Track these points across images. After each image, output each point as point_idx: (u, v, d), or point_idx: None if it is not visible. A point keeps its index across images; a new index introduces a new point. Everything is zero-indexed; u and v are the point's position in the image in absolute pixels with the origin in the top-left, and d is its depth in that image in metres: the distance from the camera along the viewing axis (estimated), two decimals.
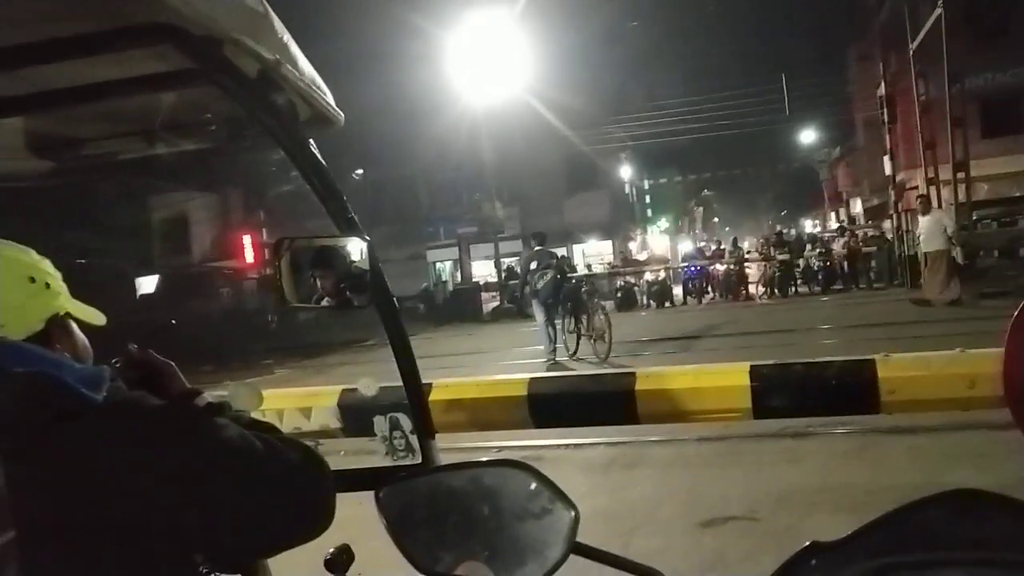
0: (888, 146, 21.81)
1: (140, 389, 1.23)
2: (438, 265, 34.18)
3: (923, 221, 14.37)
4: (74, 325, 1.15)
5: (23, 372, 0.91)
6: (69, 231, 14.95)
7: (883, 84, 21.65)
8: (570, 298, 11.44)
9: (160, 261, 25.27)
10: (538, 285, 11.17)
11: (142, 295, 20.65)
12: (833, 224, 34.08)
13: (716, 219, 64.77)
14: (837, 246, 21.99)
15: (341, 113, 1.57)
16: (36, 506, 0.82)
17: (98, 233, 18.55)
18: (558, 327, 11.26)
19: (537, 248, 11.80)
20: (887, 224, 23.45)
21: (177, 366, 1.36)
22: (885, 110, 21.50)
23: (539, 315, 11.16)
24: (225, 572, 1.75)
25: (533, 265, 11.47)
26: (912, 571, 0.80)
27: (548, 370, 10.21)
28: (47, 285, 1.10)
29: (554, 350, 11.10)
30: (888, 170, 21.86)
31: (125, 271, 21.16)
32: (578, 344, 11.38)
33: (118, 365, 1.30)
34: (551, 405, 2.73)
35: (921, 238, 14.64)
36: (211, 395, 1.34)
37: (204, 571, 1.68)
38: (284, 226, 18.90)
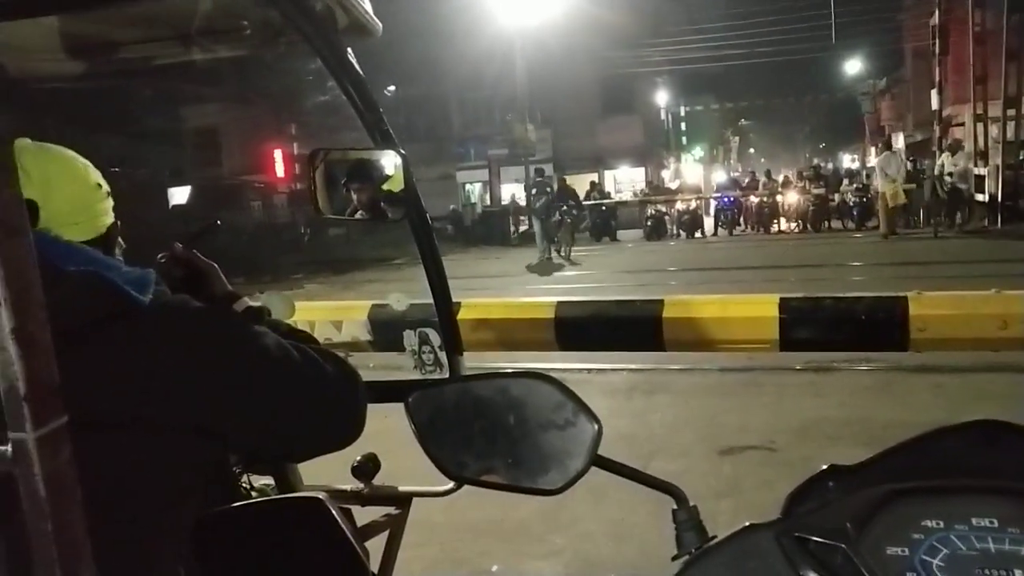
0: (937, 79, 21.03)
1: (183, 288, 1.25)
2: (468, 186, 33.96)
3: (878, 161, 15.22)
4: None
5: (77, 271, 0.93)
6: (103, 136, 14.95)
7: (937, 12, 20.73)
8: (555, 216, 17.06)
9: (192, 172, 25.37)
10: (536, 205, 17.21)
11: (175, 205, 20.84)
12: (873, 159, 33.16)
13: (752, 150, 63.43)
14: (875, 182, 21.46)
15: (379, 23, 1.53)
16: (80, 401, 0.85)
17: (131, 140, 18.57)
18: (549, 236, 16.57)
19: (538, 179, 18.36)
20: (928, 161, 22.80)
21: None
22: (937, 40, 20.65)
23: (536, 226, 16.90)
24: (258, 474, 1.82)
25: (534, 191, 17.85)
26: (929, 495, 0.80)
27: (540, 265, 15.84)
28: (107, 194, 1.14)
29: (547, 249, 16.37)
30: (935, 104, 21.11)
31: (159, 180, 21.29)
32: (563, 246, 16.93)
33: (163, 261, 1.33)
34: (577, 328, 2.75)
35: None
36: (250, 301, 1.37)
37: (238, 471, 1.75)
38: (315, 140, 18.85)
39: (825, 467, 0.92)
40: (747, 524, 0.86)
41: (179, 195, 21.54)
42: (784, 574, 0.77)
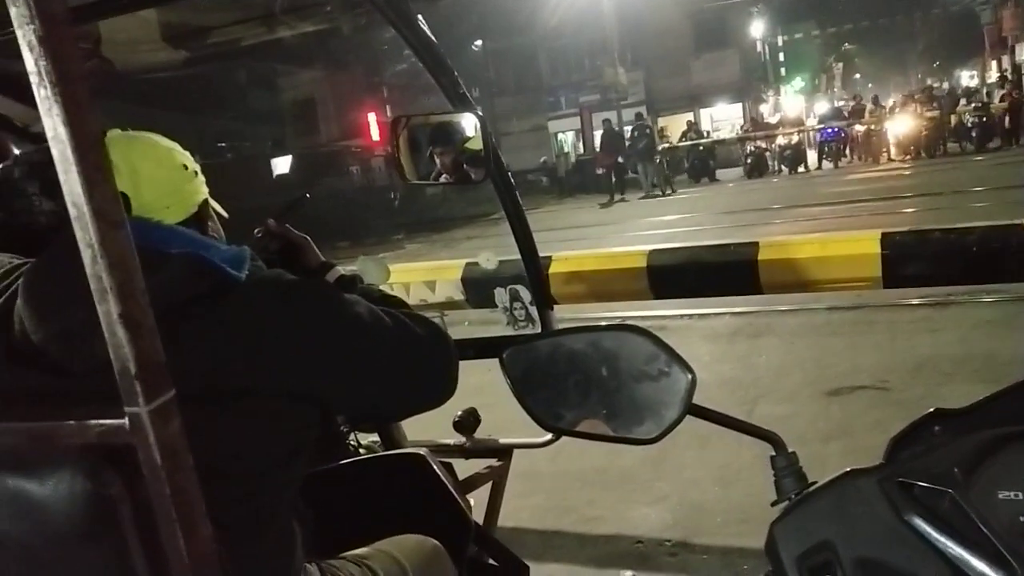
0: None
1: (278, 261, 1.32)
2: (560, 136, 33.58)
3: None
4: (213, 210, 1.23)
5: (178, 253, 0.99)
6: (208, 116, 15.59)
7: None
8: (651, 157, 19.61)
9: (292, 142, 26.13)
10: (638, 147, 19.44)
11: (278, 175, 21.57)
12: (994, 75, 30.66)
13: (858, 75, 59.88)
14: (996, 99, 19.93)
15: None
16: (190, 374, 0.91)
17: (234, 117, 19.32)
18: (649, 174, 19.31)
19: (638, 123, 20.40)
20: None
21: (313, 240, 1.44)
22: None
23: (639, 167, 19.49)
24: (364, 432, 1.92)
25: (635, 134, 19.85)
26: None
27: (647, 198, 18.50)
28: (195, 173, 1.17)
29: (652, 186, 19.16)
30: None
31: (262, 152, 22.07)
32: (663, 183, 19.62)
33: (259, 235, 1.40)
34: (670, 276, 2.72)
35: None
36: (344, 268, 1.43)
37: (345, 431, 1.85)
38: (407, 102, 19.07)
39: (930, 411, 0.89)
40: (848, 469, 0.85)
41: (281, 165, 22.26)
42: (888, 520, 0.76)
